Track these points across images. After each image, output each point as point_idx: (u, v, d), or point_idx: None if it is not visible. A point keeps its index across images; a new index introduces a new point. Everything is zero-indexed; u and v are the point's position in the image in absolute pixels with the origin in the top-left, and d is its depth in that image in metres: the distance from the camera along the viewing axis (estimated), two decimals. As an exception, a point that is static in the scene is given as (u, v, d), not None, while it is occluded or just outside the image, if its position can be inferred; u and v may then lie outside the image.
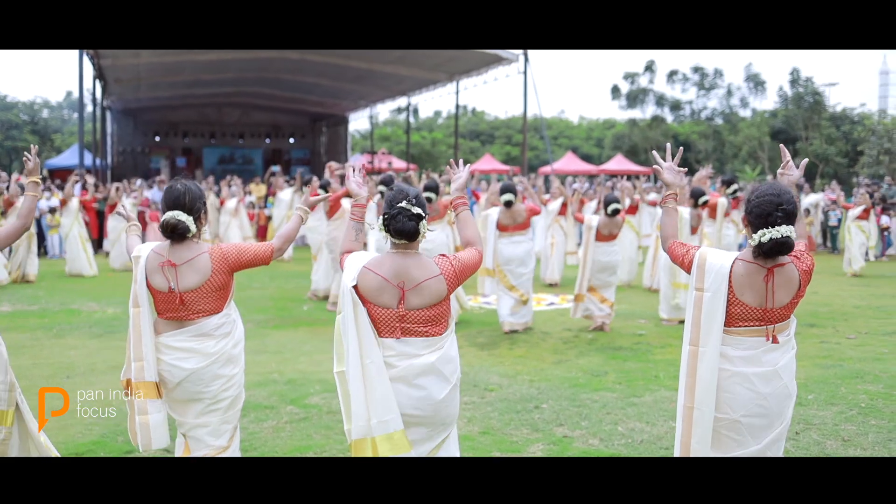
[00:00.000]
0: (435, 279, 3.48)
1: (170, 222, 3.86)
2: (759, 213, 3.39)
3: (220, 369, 3.96)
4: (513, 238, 9.15)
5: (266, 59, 26.14)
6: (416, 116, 54.46)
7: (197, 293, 3.89)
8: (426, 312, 3.47)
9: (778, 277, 3.43)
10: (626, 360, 7.87)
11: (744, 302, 3.44)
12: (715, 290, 3.47)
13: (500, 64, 24.38)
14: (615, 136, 45.70)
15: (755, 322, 3.46)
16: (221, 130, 36.99)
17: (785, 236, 3.32)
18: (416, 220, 3.47)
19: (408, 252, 3.51)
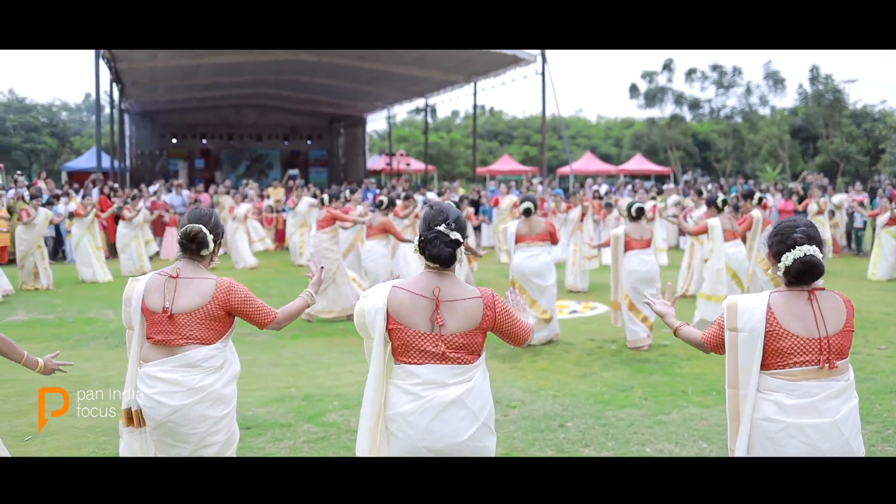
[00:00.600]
0: (472, 301, 3.26)
1: (192, 230, 3.76)
2: (779, 240, 3.25)
3: (207, 409, 3.68)
4: (531, 250, 8.83)
5: (282, 62, 26.11)
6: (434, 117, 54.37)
7: (190, 317, 3.68)
8: (461, 339, 3.22)
9: (823, 300, 3.19)
10: (652, 373, 7.67)
11: (793, 333, 3.16)
12: (751, 328, 3.20)
13: (518, 65, 24.23)
14: (634, 136, 45.35)
15: (810, 356, 3.15)
16: (240, 132, 36.99)
17: (809, 254, 3.15)
18: (452, 247, 3.26)
19: (443, 272, 3.31)
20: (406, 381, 3.24)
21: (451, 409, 3.19)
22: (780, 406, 3.16)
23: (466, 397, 3.20)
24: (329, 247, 10.36)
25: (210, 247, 3.81)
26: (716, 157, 44.05)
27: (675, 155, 42.77)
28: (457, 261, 3.31)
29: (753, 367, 3.20)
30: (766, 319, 3.19)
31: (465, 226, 3.36)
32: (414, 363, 3.23)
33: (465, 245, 3.38)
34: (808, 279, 3.20)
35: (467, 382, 3.22)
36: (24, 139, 41.34)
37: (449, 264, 3.29)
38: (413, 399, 3.21)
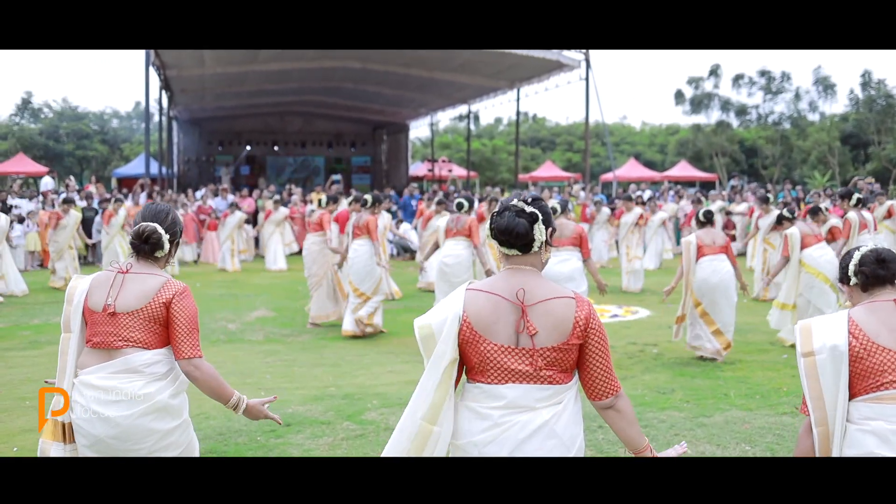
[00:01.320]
0: (564, 301, 2.70)
1: (145, 230, 3.41)
2: (843, 259, 3.04)
3: (152, 422, 3.24)
4: (560, 254, 8.12)
5: (328, 69, 26.35)
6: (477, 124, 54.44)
7: (133, 316, 3.30)
8: (553, 353, 2.66)
9: None
10: (695, 377, 7.58)
11: (885, 346, 2.72)
12: (831, 346, 2.76)
13: (562, 70, 24.13)
14: (679, 142, 44.91)
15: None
16: (284, 139, 37.43)
17: (876, 246, 2.92)
18: (527, 219, 2.68)
19: (524, 269, 2.74)
20: (483, 404, 2.69)
21: (536, 437, 2.64)
22: (882, 439, 2.68)
23: (556, 424, 2.64)
24: (321, 249, 10.33)
25: (165, 248, 3.44)
26: (763, 164, 43.39)
27: (720, 161, 42.23)
28: (538, 245, 2.73)
29: (840, 395, 2.75)
30: (848, 334, 2.78)
31: (547, 211, 2.79)
32: (494, 382, 2.68)
33: None
34: (886, 271, 2.88)
35: (557, 405, 2.66)
36: (77, 146, 42.25)
37: (525, 242, 2.70)
38: (490, 426, 2.67)
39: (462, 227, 9.29)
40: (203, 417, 6.21)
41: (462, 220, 9.33)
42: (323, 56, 24.22)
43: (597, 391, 2.72)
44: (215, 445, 5.61)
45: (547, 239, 2.77)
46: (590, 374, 2.72)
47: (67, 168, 42.61)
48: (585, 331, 2.68)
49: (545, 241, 2.75)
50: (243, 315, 11.00)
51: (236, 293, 13.16)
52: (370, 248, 9.40)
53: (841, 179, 37.78)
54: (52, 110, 44.05)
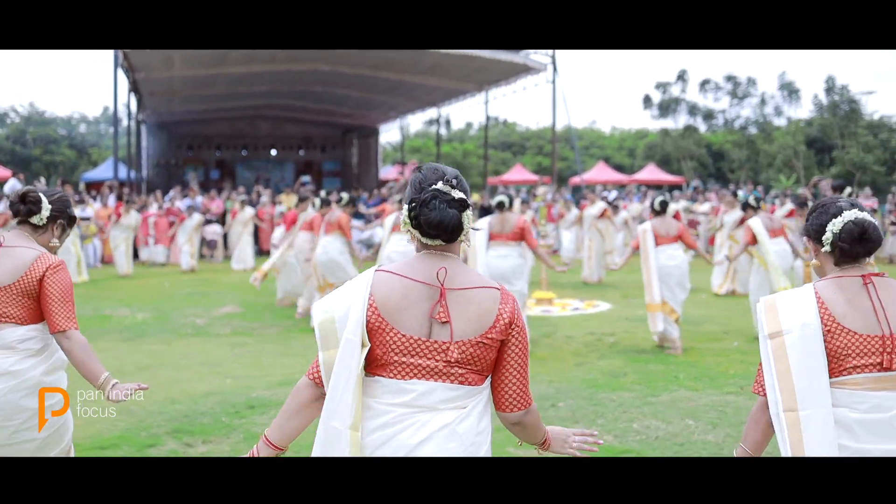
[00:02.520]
0: (488, 291, 2.35)
1: (26, 192, 3.38)
2: (820, 213, 2.61)
3: (21, 399, 3.17)
4: (499, 250, 8.21)
5: (297, 72, 26.47)
6: (448, 128, 54.67)
7: (4, 291, 3.24)
8: (470, 347, 2.29)
9: (882, 288, 2.52)
10: (648, 362, 7.86)
11: (850, 329, 2.47)
12: (801, 324, 2.50)
13: (529, 73, 24.43)
14: (647, 146, 45.45)
15: (872, 358, 2.45)
16: (254, 143, 37.44)
17: (862, 217, 2.51)
18: (457, 208, 2.31)
19: (447, 254, 2.38)
20: (381, 401, 2.32)
21: (434, 440, 2.27)
22: (844, 427, 2.44)
23: (458, 425, 2.29)
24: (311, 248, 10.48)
25: (42, 213, 3.36)
26: (730, 168, 44.06)
27: (688, 165, 42.84)
28: (465, 235, 2.37)
29: (815, 375, 2.46)
30: (817, 312, 2.51)
31: (467, 188, 2.41)
32: (397, 377, 2.31)
33: None
34: (865, 249, 2.53)
35: (462, 409, 2.30)
36: (44, 151, 41.97)
37: (454, 233, 2.33)
38: (382, 426, 2.30)
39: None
40: (169, 402, 6.39)
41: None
42: (292, 59, 24.34)
43: (508, 401, 2.37)
44: (181, 426, 5.79)
45: (470, 221, 2.39)
46: (504, 381, 2.37)
47: (34, 173, 42.27)
48: (509, 327, 2.33)
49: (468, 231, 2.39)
50: (212, 311, 11.14)
51: (206, 291, 13.28)
52: (340, 244, 9.70)
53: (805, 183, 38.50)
54: (18, 115, 43.68)
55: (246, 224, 17.73)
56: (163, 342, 8.94)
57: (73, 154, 42.81)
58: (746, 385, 6.81)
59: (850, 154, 38.39)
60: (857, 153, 37.91)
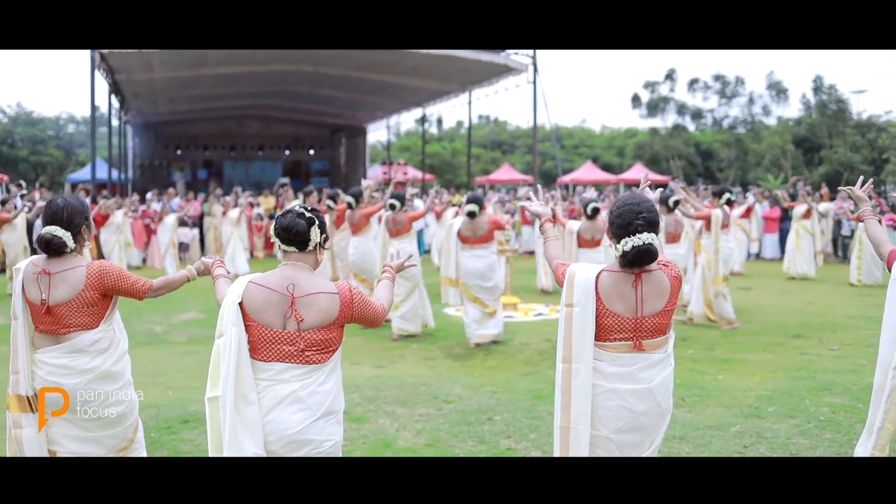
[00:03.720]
0: (327, 295, 3.23)
1: (44, 237, 3.85)
2: (621, 223, 3.34)
3: (98, 386, 3.90)
4: (475, 251, 8.83)
5: (280, 73, 26.39)
6: (440, 127, 54.65)
7: (68, 307, 3.84)
8: (317, 334, 3.21)
9: (647, 284, 3.35)
10: (597, 371, 7.79)
11: (614, 312, 3.35)
12: (583, 304, 3.36)
13: (510, 73, 24.38)
14: (636, 146, 45.45)
15: (628, 333, 3.36)
16: (241, 143, 37.35)
17: (647, 243, 3.26)
18: (306, 221, 3.24)
19: (299, 265, 3.28)
20: (256, 376, 3.21)
21: (283, 403, 3.17)
22: (602, 373, 3.37)
23: (302, 391, 3.19)
24: None
25: (69, 245, 3.88)
26: (718, 167, 44.07)
27: (677, 164, 42.83)
28: (313, 245, 3.29)
29: (585, 342, 3.37)
30: (595, 296, 3.36)
31: (322, 218, 3.34)
32: (265, 360, 3.21)
33: None
34: (641, 265, 3.32)
35: (306, 379, 3.20)
36: (31, 151, 41.81)
37: (301, 240, 3.25)
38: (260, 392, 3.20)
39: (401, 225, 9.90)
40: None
41: (399, 218, 9.82)
42: (275, 60, 24.26)
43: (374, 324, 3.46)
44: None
45: (320, 242, 3.32)
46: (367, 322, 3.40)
47: (22, 174, 42.12)
48: (350, 317, 3.29)
49: (319, 243, 3.32)
50: (172, 317, 11.08)
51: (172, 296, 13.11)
52: None
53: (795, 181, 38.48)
54: (6, 115, 43.51)
55: (236, 224, 17.40)
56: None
57: (61, 154, 42.68)
58: (688, 396, 6.76)
59: (838, 153, 38.36)
60: (845, 152, 37.86)
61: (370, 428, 5.99)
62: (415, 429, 5.96)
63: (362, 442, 5.68)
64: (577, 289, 3.39)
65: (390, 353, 8.80)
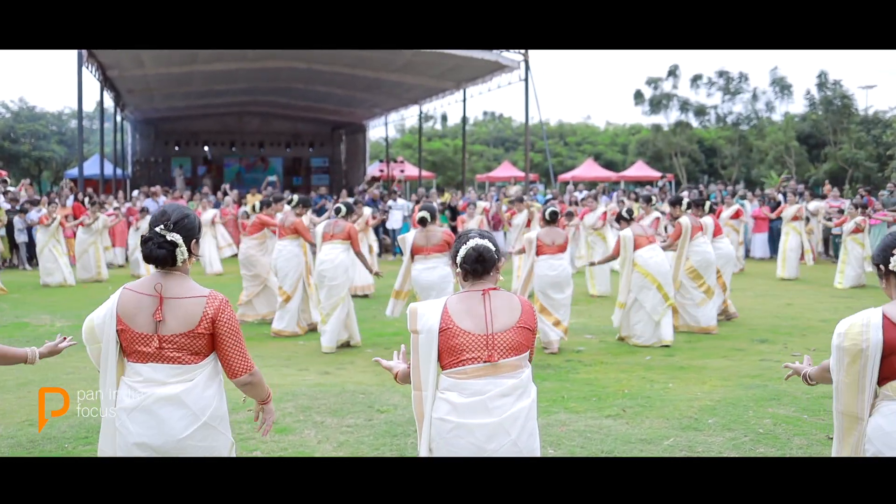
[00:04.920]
0: (195, 300, 3.21)
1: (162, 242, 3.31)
2: (458, 242, 3.42)
3: None
4: (426, 263, 8.36)
5: (274, 69, 26.28)
6: (444, 124, 54.40)
7: None
8: (182, 339, 3.19)
9: (496, 299, 3.29)
10: (546, 379, 7.60)
11: (465, 329, 3.22)
12: (427, 328, 3.26)
13: (504, 71, 24.17)
14: (639, 142, 45.04)
15: (480, 352, 3.18)
16: (242, 139, 37.29)
17: (482, 244, 3.31)
18: (167, 248, 3.22)
19: (172, 272, 3.28)
20: (131, 379, 3.25)
21: (167, 407, 3.17)
22: (452, 405, 3.21)
23: (186, 396, 3.18)
24: (255, 253, 10.42)
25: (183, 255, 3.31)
26: (722, 164, 43.65)
27: (680, 161, 42.45)
28: (178, 261, 3.25)
29: (431, 367, 3.25)
30: (441, 318, 3.25)
31: (190, 227, 3.29)
32: (135, 361, 3.23)
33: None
34: (482, 268, 3.31)
35: (188, 381, 3.19)
36: (33, 147, 41.86)
37: (166, 264, 3.25)
38: (134, 395, 3.22)
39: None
40: (27, 424, 6.22)
41: (340, 224, 9.35)
42: (266, 57, 24.15)
43: (232, 370, 3.29)
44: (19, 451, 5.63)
45: (191, 252, 3.31)
46: (223, 356, 3.27)
47: (24, 169, 42.20)
48: (213, 323, 3.22)
49: (186, 258, 3.29)
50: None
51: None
52: (295, 249, 9.70)
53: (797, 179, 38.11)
54: (8, 110, 43.56)
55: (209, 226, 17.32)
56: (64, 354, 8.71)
57: (64, 150, 42.69)
58: (630, 406, 6.58)
59: (843, 150, 37.93)
60: (850, 149, 37.43)
61: (292, 440, 5.84)
62: (338, 440, 5.81)
63: (280, 455, 5.53)
64: (421, 316, 3.31)
65: (340, 360, 8.66)
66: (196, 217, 3.42)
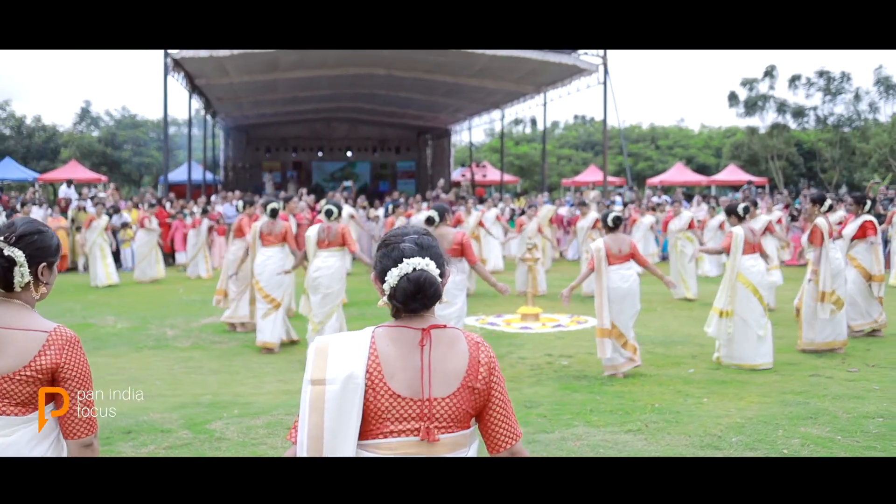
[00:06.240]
0: (32, 333, 2.62)
1: None
2: (384, 253, 2.38)
3: None
4: None
5: (355, 76, 26.63)
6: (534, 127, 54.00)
7: None
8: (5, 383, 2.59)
9: (438, 345, 2.31)
10: (577, 391, 7.42)
11: (395, 391, 2.26)
12: (346, 377, 2.24)
13: (582, 74, 23.91)
14: (733, 145, 43.70)
15: (412, 423, 2.26)
16: (329, 145, 38.01)
17: (420, 269, 2.30)
18: (3, 266, 2.62)
19: (8, 299, 2.67)
20: None
21: None
22: None
23: (7, 449, 2.60)
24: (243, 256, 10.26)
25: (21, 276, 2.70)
26: (822, 167, 41.98)
27: (776, 165, 40.99)
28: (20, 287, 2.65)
29: (347, 439, 2.25)
30: (367, 365, 2.27)
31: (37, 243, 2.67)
32: None
33: None
34: (421, 304, 2.32)
35: (7, 437, 2.61)
36: (135, 153, 43.64)
37: (8, 284, 2.64)
38: None
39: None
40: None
41: (334, 228, 9.03)
42: (345, 63, 24.51)
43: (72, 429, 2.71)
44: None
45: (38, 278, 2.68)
46: (64, 413, 2.70)
47: (126, 175, 44.05)
48: (54, 369, 2.66)
49: (28, 281, 2.66)
50: (193, 321, 11.24)
51: (207, 299, 13.39)
52: (280, 256, 9.50)
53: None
54: (112, 118, 45.56)
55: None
56: (115, 355, 9.05)
57: (161, 156, 44.37)
58: (655, 422, 6.35)
59: (954, 153, 35.97)
60: (962, 152, 35.47)
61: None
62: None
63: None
64: (333, 358, 2.29)
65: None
66: (53, 237, 2.79)
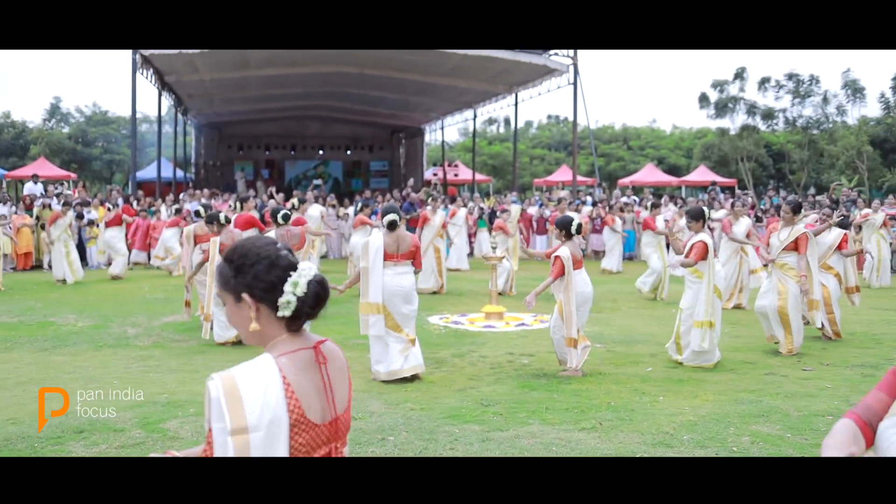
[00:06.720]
0: None
1: None
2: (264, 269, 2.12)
3: None
4: (397, 269, 7.82)
5: (326, 74, 26.58)
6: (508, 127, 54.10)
7: None
8: None
9: (331, 360, 2.18)
10: (534, 389, 7.46)
11: (313, 422, 2.08)
12: (269, 421, 1.98)
13: (552, 75, 24.02)
14: (704, 146, 44.08)
15: (325, 447, 2.12)
16: (302, 143, 37.90)
17: (324, 278, 2.16)
18: None
19: None
20: None
21: None
22: None
23: None
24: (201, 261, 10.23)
25: None
26: (790, 169, 42.42)
27: (746, 166, 41.37)
28: None
29: None
30: (286, 401, 2.02)
31: None
32: None
33: None
34: (323, 309, 2.18)
35: None
36: (105, 150, 43.23)
37: None
38: None
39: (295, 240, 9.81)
40: (10, 423, 6.31)
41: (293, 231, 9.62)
42: (316, 62, 24.44)
43: None
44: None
45: None
46: None
47: (96, 172, 43.63)
48: None
49: None
50: (154, 319, 11.17)
51: (175, 297, 13.30)
52: None
53: (869, 185, 36.81)
54: (82, 115, 45.11)
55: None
56: (73, 353, 8.97)
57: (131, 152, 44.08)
58: (609, 420, 6.40)
59: (920, 154, 36.51)
60: (928, 155, 36.01)
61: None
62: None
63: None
64: (249, 401, 1.98)
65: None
66: None
